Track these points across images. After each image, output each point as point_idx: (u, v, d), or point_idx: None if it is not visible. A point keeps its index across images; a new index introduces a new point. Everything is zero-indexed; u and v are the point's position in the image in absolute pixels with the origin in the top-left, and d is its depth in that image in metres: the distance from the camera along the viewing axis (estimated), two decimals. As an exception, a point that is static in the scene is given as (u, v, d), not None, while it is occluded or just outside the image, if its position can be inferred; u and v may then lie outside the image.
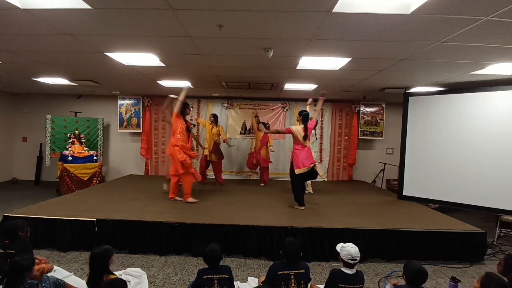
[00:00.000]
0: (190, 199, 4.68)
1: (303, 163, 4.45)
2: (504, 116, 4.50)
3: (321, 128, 7.65)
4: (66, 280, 2.75)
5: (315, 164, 4.50)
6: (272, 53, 3.54)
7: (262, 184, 6.65)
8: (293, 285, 2.31)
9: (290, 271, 2.34)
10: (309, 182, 5.75)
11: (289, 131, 4.65)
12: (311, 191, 5.80)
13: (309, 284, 2.45)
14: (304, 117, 4.62)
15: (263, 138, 6.40)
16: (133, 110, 7.61)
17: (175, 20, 2.75)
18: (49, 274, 2.74)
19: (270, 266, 2.48)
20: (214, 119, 6.28)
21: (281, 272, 2.33)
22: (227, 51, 3.71)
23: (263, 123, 6.65)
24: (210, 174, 7.64)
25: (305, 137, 4.54)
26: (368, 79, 5.03)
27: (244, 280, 3.11)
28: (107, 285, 1.99)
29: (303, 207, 4.57)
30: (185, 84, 5.87)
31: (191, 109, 6.00)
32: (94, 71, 5.00)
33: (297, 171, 4.45)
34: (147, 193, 5.31)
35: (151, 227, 3.73)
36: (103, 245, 2.43)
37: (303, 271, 2.39)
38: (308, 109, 4.86)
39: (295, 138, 4.59)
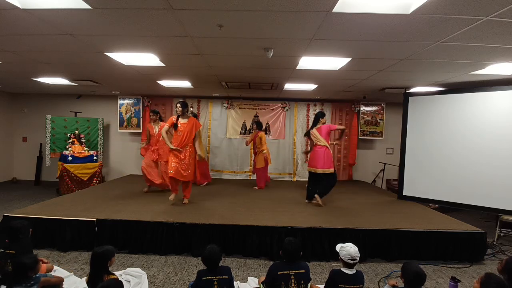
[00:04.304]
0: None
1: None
2: (504, 116, 4.50)
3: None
4: (66, 280, 2.76)
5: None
6: (272, 53, 3.55)
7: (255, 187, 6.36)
8: (293, 285, 2.30)
9: (290, 271, 2.34)
10: None
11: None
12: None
13: (309, 284, 2.44)
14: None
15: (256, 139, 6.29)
16: (133, 110, 7.61)
17: (175, 20, 2.75)
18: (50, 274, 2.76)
19: (270, 266, 2.48)
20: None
21: (281, 272, 2.33)
22: (227, 51, 3.71)
23: (258, 123, 6.51)
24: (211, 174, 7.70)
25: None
26: (368, 79, 5.03)
27: (244, 280, 3.11)
28: (103, 287, 2.00)
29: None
30: (185, 84, 5.88)
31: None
32: (94, 71, 5.00)
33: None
34: (147, 193, 5.31)
35: (151, 227, 3.73)
36: (105, 245, 2.43)
37: (303, 271, 2.38)
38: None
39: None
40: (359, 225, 3.82)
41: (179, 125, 4.52)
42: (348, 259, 2.30)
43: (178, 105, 4.54)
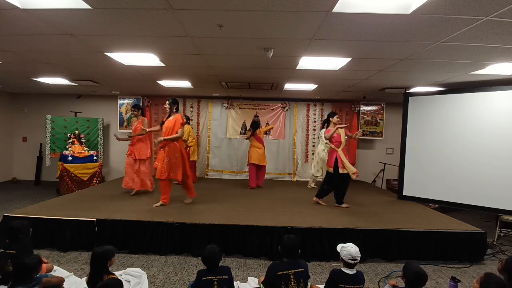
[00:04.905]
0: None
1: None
2: (504, 116, 4.50)
3: (321, 128, 7.65)
4: (66, 279, 2.76)
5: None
6: (272, 53, 3.54)
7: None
8: (292, 284, 2.30)
9: (289, 271, 2.34)
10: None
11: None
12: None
13: (309, 284, 2.44)
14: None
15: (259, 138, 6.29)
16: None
17: (175, 20, 2.75)
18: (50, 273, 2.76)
19: (268, 266, 2.47)
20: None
21: (280, 273, 2.33)
22: (227, 51, 3.71)
23: (254, 122, 6.42)
24: (209, 173, 7.70)
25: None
26: (368, 79, 5.03)
27: (244, 280, 3.11)
28: (102, 286, 2.00)
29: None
30: (185, 84, 5.88)
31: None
32: (94, 71, 5.00)
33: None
34: (147, 193, 5.31)
35: (151, 227, 3.73)
36: (105, 245, 2.43)
37: (302, 269, 2.38)
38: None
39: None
40: (359, 225, 3.83)
41: (165, 123, 4.38)
42: (349, 259, 2.30)
43: (167, 102, 4.39)
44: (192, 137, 6.61)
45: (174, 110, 4.44)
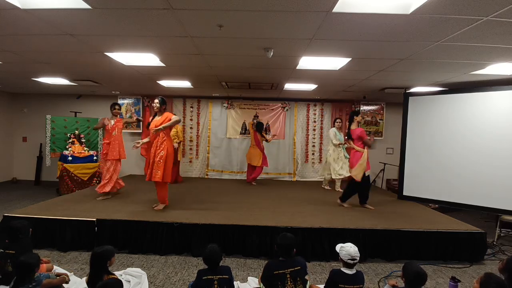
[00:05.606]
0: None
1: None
2: (504, 116, 4.50)
3: (321, 128, 7.67)
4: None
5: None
6: (272, 53, 3.55)
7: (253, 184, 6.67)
8: (289, 283, 2.30)
9: (286, 270, 2.33)
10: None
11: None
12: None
13: (308, 283, 2.44)
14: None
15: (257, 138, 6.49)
16: (133, 110, 7.61)
17: (175, 20, 2.75)
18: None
19: (264, 266, 2.46)
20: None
21: (277, 272, 2.33)
22: (227, 51, 3.71)
23: (258, 123, 6.65)
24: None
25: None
26: (368, 79, 5.03)
27: (244, 280, 3.11)
28: (102, 286, 2.00)
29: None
30: (185, 84, 5.88)
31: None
32: (94, 71, 5.01)
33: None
34: (147, 193, 5.30)
35: (151, 227, 3.73)
36: (104, 245, 2.43)
37: (299, 267, 2.38)
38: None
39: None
40: (359, 225, 3.82)
41: (151, 123, 4.18)
42: (348, 259, 2.30)
43: (156, 101, 4.16)
44: (181, 137, 6.79)
45: (163, 110, 4.25)
